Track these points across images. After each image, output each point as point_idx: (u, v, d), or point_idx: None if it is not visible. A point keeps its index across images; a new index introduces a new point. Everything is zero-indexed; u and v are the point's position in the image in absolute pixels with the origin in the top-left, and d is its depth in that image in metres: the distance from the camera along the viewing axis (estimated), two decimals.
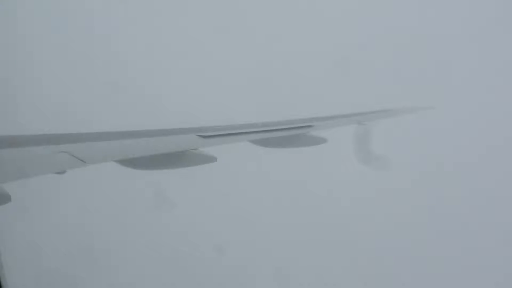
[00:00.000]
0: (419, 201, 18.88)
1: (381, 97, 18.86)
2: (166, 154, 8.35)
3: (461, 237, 17.96)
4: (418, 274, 17.05)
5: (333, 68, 21.11)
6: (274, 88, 21.33)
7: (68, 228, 16.13)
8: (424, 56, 22.69)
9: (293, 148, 9.88)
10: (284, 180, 18.68)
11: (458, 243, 17.89)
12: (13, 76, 19.21)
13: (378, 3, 24.53)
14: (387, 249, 17.57)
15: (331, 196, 18.71)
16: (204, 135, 8.78)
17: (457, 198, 19.00)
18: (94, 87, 20.36)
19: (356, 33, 23.34)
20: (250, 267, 16.61)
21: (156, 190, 15.48)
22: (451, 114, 19.88)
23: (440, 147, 20.31)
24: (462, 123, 20.86)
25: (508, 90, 22.34)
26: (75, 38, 21.95)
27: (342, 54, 21.45)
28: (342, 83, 21.30)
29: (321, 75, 21.73)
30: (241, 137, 9.26)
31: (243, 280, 16.34)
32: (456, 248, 17.72)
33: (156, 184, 14.24)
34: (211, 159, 8.55)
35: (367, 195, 18.86)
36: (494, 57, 23.08)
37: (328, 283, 16.83)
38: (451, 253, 17.59)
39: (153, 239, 16.69)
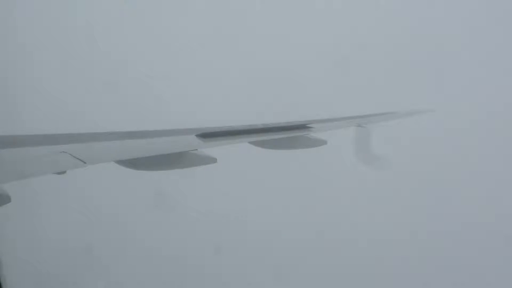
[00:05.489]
0: (419, 203, 18.89)
1: (381, 99, 18.90)
2: (166, 155, 8.33)
3: (460, 238, 17.97)
4: (418, 274, 17.05)
5: (334, 70, 21.14)
6: (274, 90, 21.34)
7: (68, 228, 16.13)
8: (424, 58, 22.71)
9: (293, 150, 9.87)
10: (283, 181, 18.69)
11: (458, 243, 17.90)
12: (13, 76, 19.22)
13: (378, 4, 24.55)
14: (387, 250, 17.56)
15: (331, 197, 18.71)
16: (204, 136, 8.78)
17: (456, 200, 19.01)
18: (94, 87, 20.37)
19: (356, 35, 23.36)
20: (249, 267, 16.61)
21: (156, 191, 15.49)
22: (451, 117, 19.89)
23: (439, 149, 20.32)
24: (462, 126, 20.87)
25: (508, 92, 22.36)
26: (76, 39, 21.98)
27: (342, 56, 21.48)
28: (343, 85, 21.33)
29: (322, 77, 21.75)
30: (241, 139, 9.24)
31: (243, 280, 16.34)
32: (455, 249, 17.73)
33: (156, 185, 14.26)
34: (211, 160, 8.53)
35: (367, 196, 18.87)
36: (494, 59, 23.10)
37: (327, 283, 16.83)
38: (451, 253, 17.60)
39: (153, 239, 16.69)
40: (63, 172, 7.33)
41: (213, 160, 8.53)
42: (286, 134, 9.67)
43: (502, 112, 21.60)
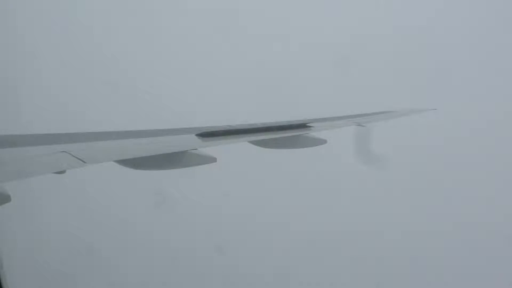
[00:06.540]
0: (419, 202, 18.89)
1: (381, 98, 18.89)
2: (166, 154, 8.32)
3: (461, 237, 17.98)
4: (418, 274, 17.05)
5: (334, 69, 21.12)
6: (274, 89, 21.33)
7: (68, 228, 16.14)
8: (424, 57, 22.70)
9: (293, 149, 9.86)
10: (283, 181, 18.70)
11: (458, 243, 17.90)
12: (13, 76, 19.21)
13: (378, 3, 24.54)
14: (387, 249, 17.58)
15: (330, 196, 18.71)
16: (204, 136, 8.79)
17: (457, 199, 19.02)
18: (93, 87, 20.36)
19: (356, 34, 23.34)
20: (250, 267, 16.62)
21: (156, 190, 15.50)
22: (452, 115, 19.88)
23: (440, 148, 20.31)
24: (462, 125, 20.86)
25: (508, 91, 22.35)
26: (75, 38, 21.96)
27: (342, 55, 21.45)
28: (342, 84, 21.31)
29: (321, 76, 21.74)
30: (241, 138, 9.24)
31: (243, 280, 16.35)
32: (455, 249, 17.74)
33: (155, 184, 14.26)
34: (210, 159, 8.52)
35: (367, 196, 18.87)
36: (494, 58, 23.09)
37: (327, 283, 16.84)
38: (451, 253, 17.61)
39: (153, 239, 16.70)
40: (63, 172, 7.33)
41: (213, 160, 8.52)
42: (286, 134, 9.67)
43: (503, 111, 21.60)
